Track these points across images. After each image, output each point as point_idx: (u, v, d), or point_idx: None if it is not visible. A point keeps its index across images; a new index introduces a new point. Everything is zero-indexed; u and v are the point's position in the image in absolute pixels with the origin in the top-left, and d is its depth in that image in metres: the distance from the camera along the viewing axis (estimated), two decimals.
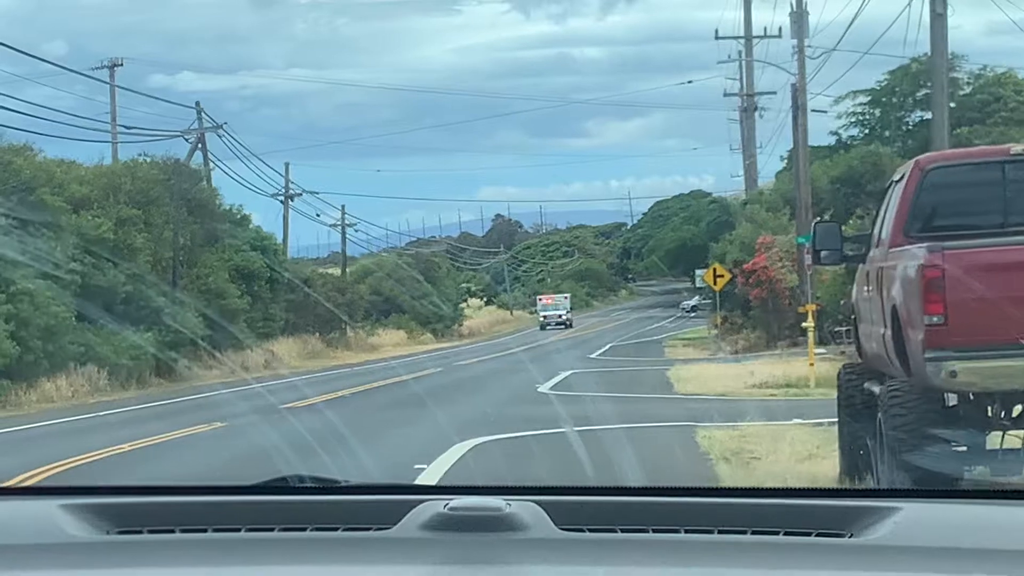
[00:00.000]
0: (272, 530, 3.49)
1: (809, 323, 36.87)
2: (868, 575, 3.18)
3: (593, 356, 57.53)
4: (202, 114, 67.81)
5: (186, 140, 66.50)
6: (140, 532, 3.52)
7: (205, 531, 3.49)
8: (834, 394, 30.80)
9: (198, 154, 68.22)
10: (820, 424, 22.61)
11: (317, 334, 74.93)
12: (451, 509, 3.38)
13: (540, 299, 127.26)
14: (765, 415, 24.49)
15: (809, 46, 57.22)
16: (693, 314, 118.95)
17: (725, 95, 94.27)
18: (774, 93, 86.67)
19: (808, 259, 54.33)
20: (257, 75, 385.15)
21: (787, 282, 58.40)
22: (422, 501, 3.46)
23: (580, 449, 19.46)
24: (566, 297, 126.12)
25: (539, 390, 34.96)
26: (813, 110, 60.41)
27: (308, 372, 52.77)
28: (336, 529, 3.47)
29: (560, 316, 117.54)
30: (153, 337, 48.14)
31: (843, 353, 43.87)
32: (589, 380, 36.70)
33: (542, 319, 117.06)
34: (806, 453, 18.76)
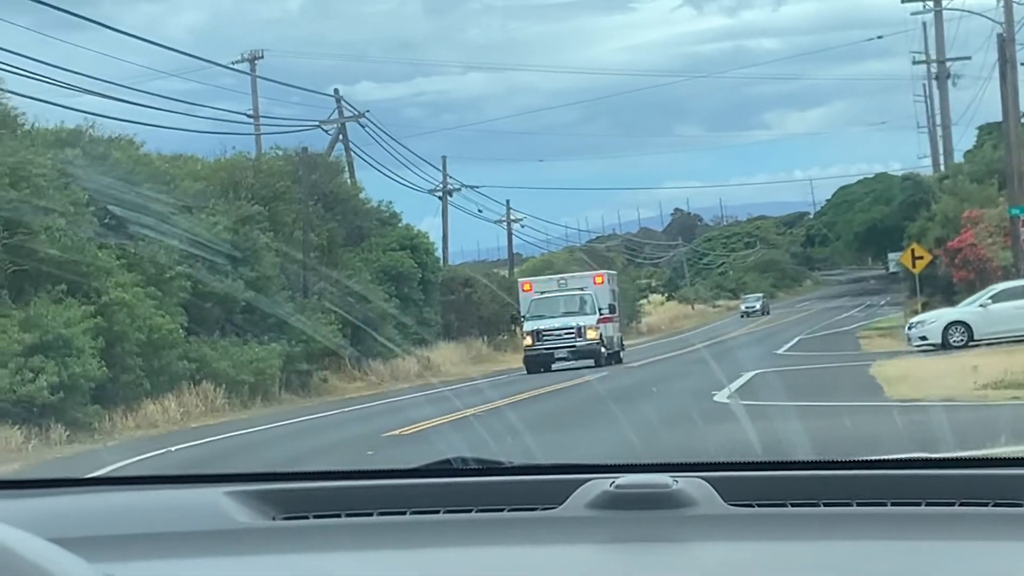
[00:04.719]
0: (437, 512, 3.41)
1: None
2: None
3: (780, 352, 51.08)
4: (341, 103, 62.34)
5: (325, 131, 61.10)
6: (306, 517, 3.45)
7: (370, 515, 3.43)
8: None
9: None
10: None
11: (483, 338, 70.69)
12: (617, 487, 3.28)
13: (525, 286, 58.92)
14: (1021, 432, 18.04)
15: None
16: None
17: (914, 63, 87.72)
18: (969, 59, 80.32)
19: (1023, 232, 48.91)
20: (433, 81, 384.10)
21: (999, 260, 52.31)
22: (588, 480, 3.35)
23: None
24: (604, 276, 59.61)
25: (716, 399, 28.82)
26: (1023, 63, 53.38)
27: (462, 380, 47.27)
28: (501, 510, 3.39)
29: (578, 334, 52.56)
30: (281, 348, 42.92)
31: None
32: (776, 383, 30.32)
33: (527, 344, 53.21)
34: None
